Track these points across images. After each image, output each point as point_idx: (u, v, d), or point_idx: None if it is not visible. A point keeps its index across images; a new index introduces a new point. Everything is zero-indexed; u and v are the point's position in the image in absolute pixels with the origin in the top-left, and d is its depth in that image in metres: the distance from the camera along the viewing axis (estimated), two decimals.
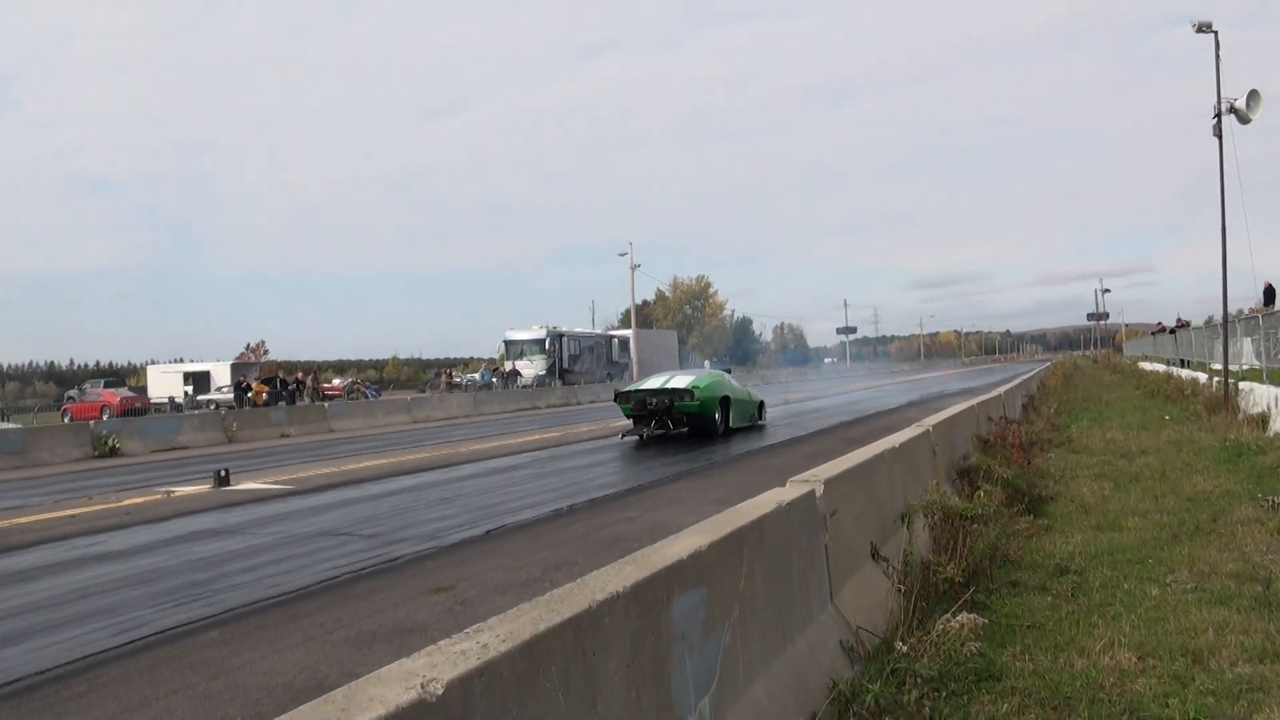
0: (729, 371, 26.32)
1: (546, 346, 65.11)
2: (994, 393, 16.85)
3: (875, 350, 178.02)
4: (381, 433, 30.20)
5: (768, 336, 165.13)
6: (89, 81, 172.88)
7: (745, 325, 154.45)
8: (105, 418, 44.33)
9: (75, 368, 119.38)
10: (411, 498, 13.37)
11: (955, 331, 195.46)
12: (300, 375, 45.78)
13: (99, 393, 51.52)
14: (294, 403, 38.82)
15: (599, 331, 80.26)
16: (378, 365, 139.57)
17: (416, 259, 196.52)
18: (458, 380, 61.93)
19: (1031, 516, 9.56)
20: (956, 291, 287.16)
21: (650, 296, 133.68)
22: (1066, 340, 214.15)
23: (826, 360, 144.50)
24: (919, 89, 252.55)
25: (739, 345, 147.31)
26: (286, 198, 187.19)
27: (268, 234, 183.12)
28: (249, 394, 40.21)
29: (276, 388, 41.31)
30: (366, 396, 50.44)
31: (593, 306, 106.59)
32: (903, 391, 44.54)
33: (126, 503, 14.30)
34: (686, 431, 21.58)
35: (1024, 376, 30.58)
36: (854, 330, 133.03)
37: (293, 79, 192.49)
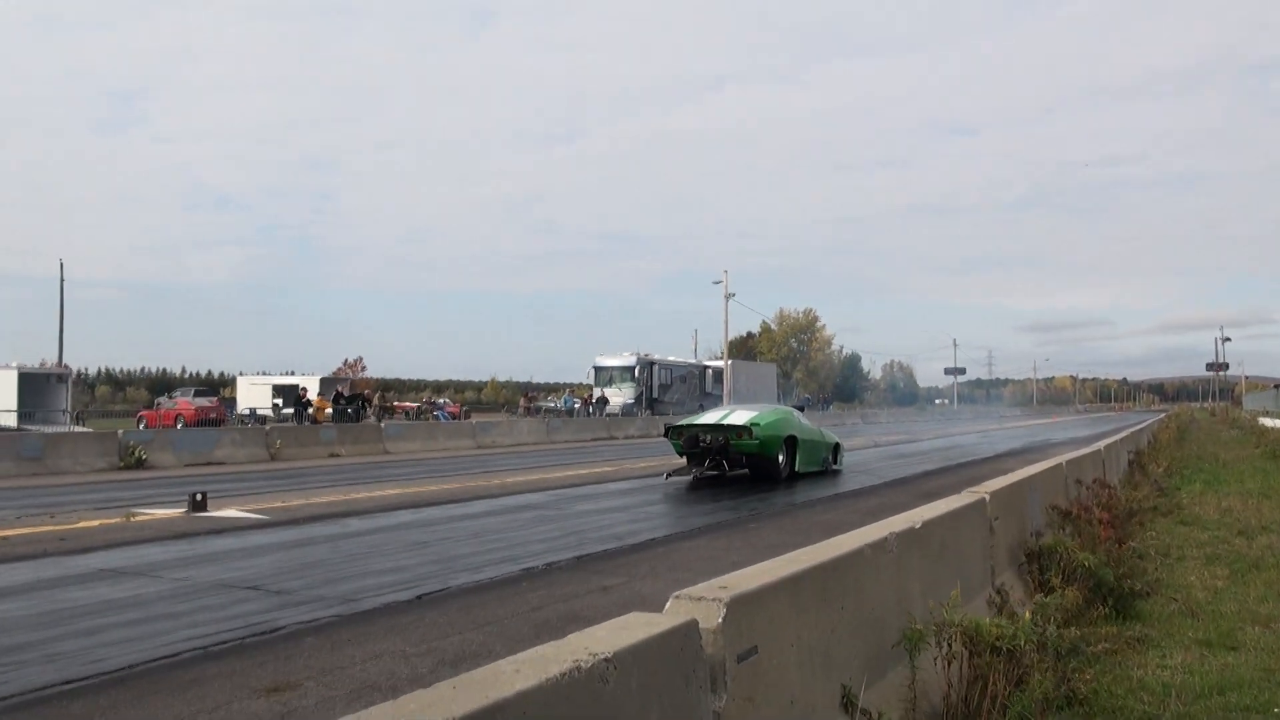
0: (801, 409, 24.02)
1: (636, 374, 63.10)
2: (1091, 448, 14.22)
3: (989, 393, 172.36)
4: (436, 457, 28.51)
5: (876, 374, 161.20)
6: (216, 98, 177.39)
7: (853, 361, 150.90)
8: (179, 426, 43.73)
9: (185, 375, 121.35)
10: (382, 539, 11.43)
11: (1071, 377, 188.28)
12: (366, 392, 44.54)
13: (175, 401, 51.09)
14: (357, 420, 37.46)
15: (692, 361, 77.91)
16: (477, 387, 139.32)
17: (530, 282, 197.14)
18: (542, 405, 60.47)
19: (1119, 621, 7.16)
20: (1073, 336, 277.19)
21: (756, 329, 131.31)
22: (1184, 391, 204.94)
23: (938, 401, 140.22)
24: (1041, 125, 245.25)
25: (846, 382, 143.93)
26: (405, 217, 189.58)
27: (386, 252, 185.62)
28: (309, 409, 39.00)
29: (341, 404, 40.06)
30: (437, 418, 49.12)
31: (695, 335, 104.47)
32: (1006, 438, 41.43)
33: (80, 525, 12.66)
34: (747, 474, 19.34)
35: (1133, 429, 27.54)
36: (963, 371, 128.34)
37: (416, 100, 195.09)
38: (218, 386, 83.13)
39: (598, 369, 64.23)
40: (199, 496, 14.11)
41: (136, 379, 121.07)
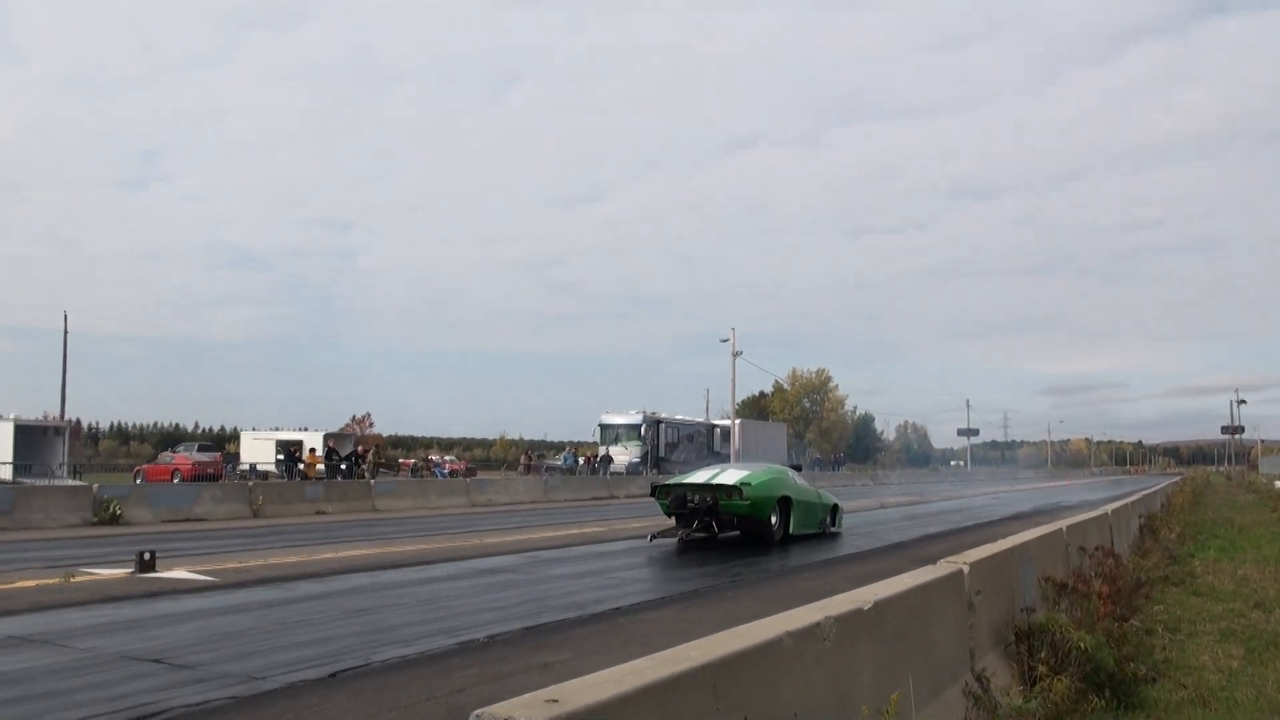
0: (799, 469, 23.10)
1: (643, 433, 62.19)
2: (1096, 511, 13.24)
3: (1004, 455, 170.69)
4: (426, 515, 27.63)
5: (890, 435, 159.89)
6: (241, 158, 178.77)
7: (866, 422, 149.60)
8: (176, 481, 42.96)
9: (198, 430, 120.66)
10: (323, 606, 10.57)
11: (1086, 439, 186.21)
12: (360, 449, 43.69)
13: (173, 456, 50.38)
14: (350, 477, 36.56)
15: (700, 420, 76.89)
16: (486, 445, 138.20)
17: (548, 343, 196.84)
18: (547, 463, 59.52)
19: (1120, 712, 6.26)
20: (1089, 399, 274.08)
21: (769, 389, 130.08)
22: (1200, 454, 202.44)
23: (953, 463, 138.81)
24: (1061, 190, 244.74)
25: (859, 442, 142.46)
26: (427, 278, 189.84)
27: (406, 311, 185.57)
28: (300, 465, 38.13)
29: (335, 460, 39.20)
30: (435, 475, 48.20)
31: (707, 395, 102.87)
32: (1017, 501, 40.29)
33: (16, 585, 11.86)
34: (738, 536, 18.42)
35: (1145, 492, 26.49)
36: (976, 432, 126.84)
37: (440, 162, 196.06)
38: (223, 442, 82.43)
39: (604, 426, 63.27)
40: (147, 556, 13.30)
41: (148, 433, 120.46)
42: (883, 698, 3.98)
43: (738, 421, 73.27)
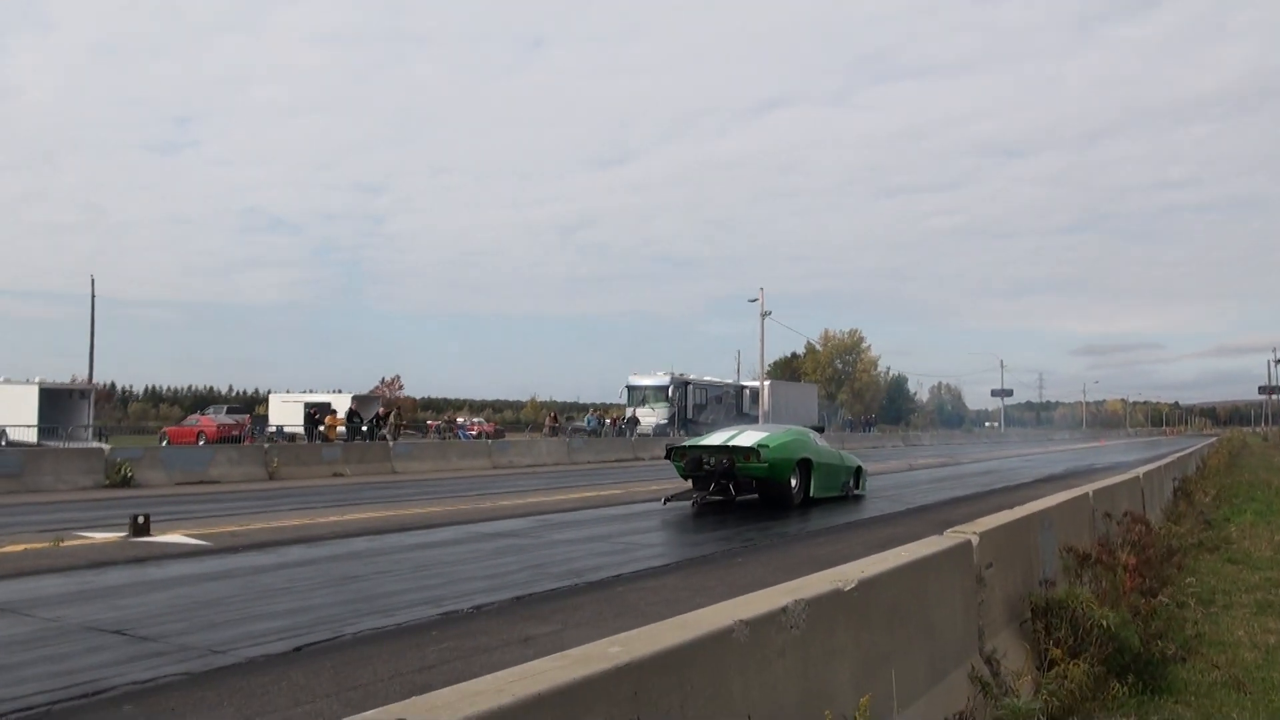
0: (821, 430, 22.51)
1: (670, 394, 61.63)
2: (1127, 474, 12.59)
3: (1039, 416, 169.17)
4: (445, 477, 27.27)
5: (924, 396, 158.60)
6: (271, 123, 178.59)
7: (900, 383, 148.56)
8: (201, 443, 42.89)
9: (232, 393, 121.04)
10: (311, 572, 10.16)
11: (1122, 400, 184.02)
12: (381, 410, 43.40)
13: (199, 418, 50.40)
14: (371, 439, 36.28)
15: (729, 381, 76.27)
16: (516, 407, 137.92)
17: (579, 305, 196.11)
18: (574, 425, 59.19)
19: (1145, 695, 5.71)
20: (1124, 359, 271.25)
21: (801, 350, 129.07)
22: (1237, 415, 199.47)
23: (987, 424, 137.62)
24: (1094, 148, 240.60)
25: (892, 403, 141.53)
26: (456, 240, 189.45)
27: (436, 274, 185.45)
28: (320, 427, 37.87)
29: (356, 421, 38.93)
30: (459, 437, 47.97)
31: (738, 356, 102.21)
32: (1049, 462, 39.50)
33: (6, 550, 11.50)
34: (756, 499, 17.91)
35: (1180, 454, 25.73)
36: (1010, 393, 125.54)
37: (467, 125, 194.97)
38: (253, 404, 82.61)
39: (631, 388, 62.78)
40: (140, 519, 12.94)
41: (182, 396, 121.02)
42: (859, 697, 3.44)
43: (767, 383, 72.76)
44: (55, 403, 45.85)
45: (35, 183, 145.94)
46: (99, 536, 12.78)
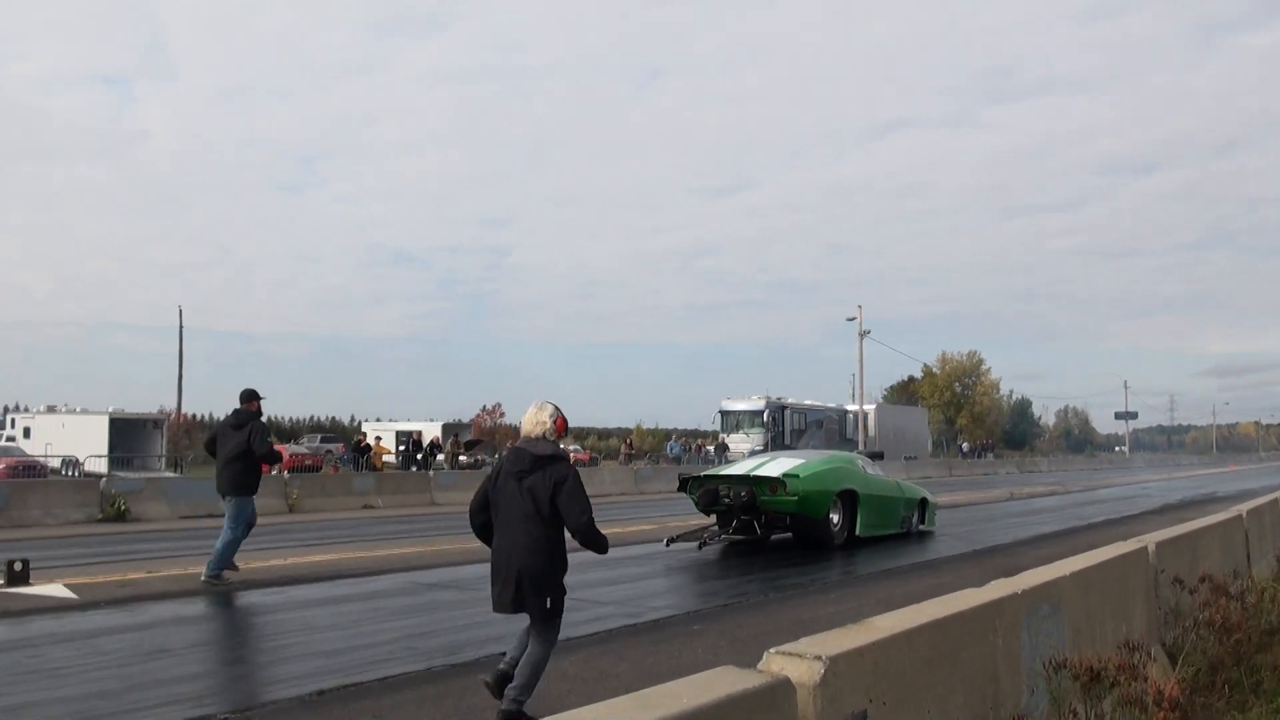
0: (880, 457, 19.71)
1: (765, 419, 58.63)
2: (1220, 516, 9.43)
3: (1170, 440, 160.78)
4: None
5: (1049, 420, 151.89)
6: (394, 160, 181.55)
7: (1023, 407, 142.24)
8: (274, 473, 41.66)
9: (354, 423, 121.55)
10: (140, 639, 8.04)
11: (1255, 423, 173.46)
12: (436, 438, 41.48)
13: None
14: (425, 469, 34.34)
15: (831, 405, 72.78)
16: (622, 435, 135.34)
17: (697, 333, 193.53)
18: (667, 452, 56.74)
19: None
20: (1258, 380, 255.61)
21: (919, 374, 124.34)
22: None
23: (1117, 449, 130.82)
24: (1222, 161, 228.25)
25: (1016, 428, 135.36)
26: (577, 270, 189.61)
27: (557, 305, 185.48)
28: (366, 455, 36.08)
29: (407, 450, 37.07)
30: None
31: (853, 381, 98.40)
32: (1165, 491, 35.66)
33: None
34: (792, 538, 15.28)
35: None
36: (1134, 415, 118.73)
37: (587, 157, 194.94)
38: (350, 434, 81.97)
39: (724, 413, 59.87)
40: (18, 566, 10.94)
41: (301, 427, 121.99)
42: None
43: (871, 406, 69.21)
44: (127, 433, 45.24)
45: (164, 223, 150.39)
46: None
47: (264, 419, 12.10)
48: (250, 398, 11.68)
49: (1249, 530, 9.48)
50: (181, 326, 58.14)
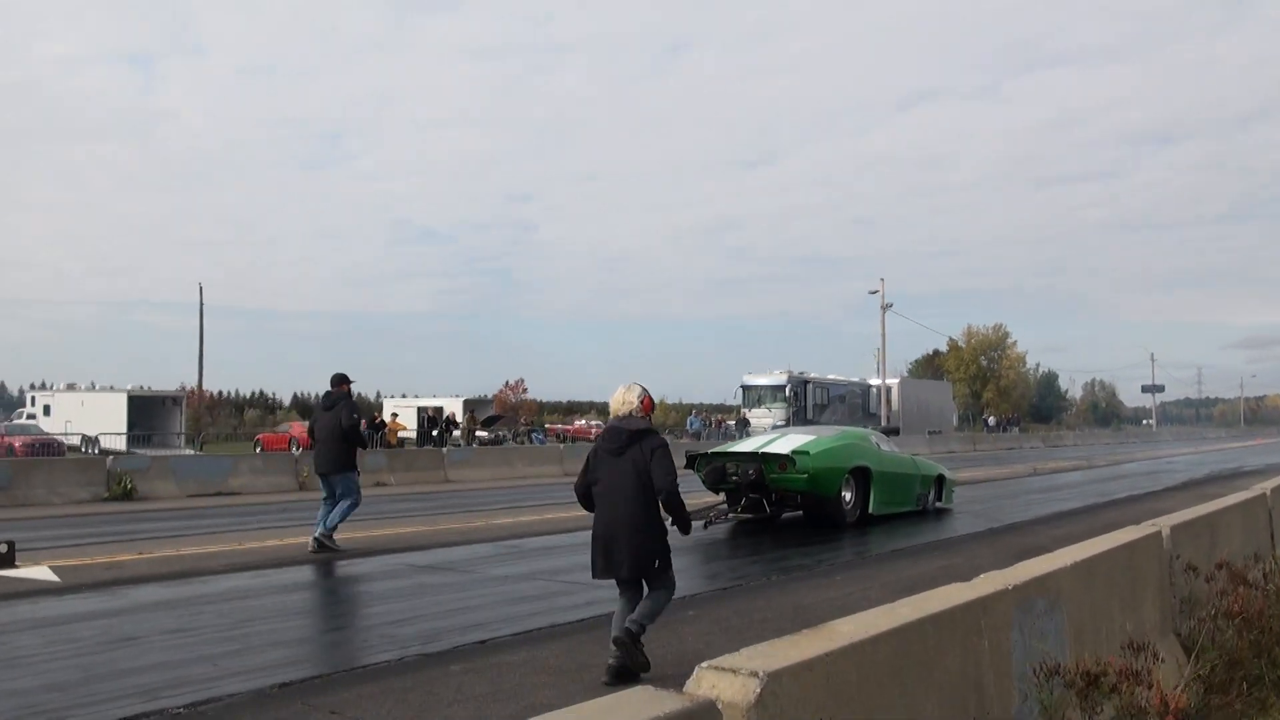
0: (895, 433, 19.26)
1: (787, 394, 58.00)
2: (1241, 495, 8.90)
3: (1198, 413, 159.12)
4: (501, 487, 24.85)
5: (1076, 393, 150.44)
6: (418, 137, 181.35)
7: (1049, 380, 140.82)
8: (294, 450, 41.54)
9: (376, 399, 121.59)
10: (110, 626, 7.73)
11: None
12: (451, 414, 41.14)
13: (289, 425, 49.29)
14: (441, 445, 34.06)
15: (855, 380, 72.05)
16: None
17: (723, 306, 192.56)
18: (687, 428, 56.38)
19: None
20: None
21: (943, 347, 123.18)
22: None
23: (1144, 422, 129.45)
24: (1250, 131, 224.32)
25: (1043, 401, 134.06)
26: (602, 245, 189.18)
27: (582, 280, 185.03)
28: (380, 432, 35.83)
29: (424, 426, 36.82)
30: (533, 441, 45.69)
31: (877, 355, 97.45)
32: (1192, 465, 35.02)
33: None
34: (802, 516, 14.90)
35: None
36: (1161, 389, 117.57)
37: (613, 132, 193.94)
38: (372, 409, 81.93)
39: (746, 388, 59.25)
40: (2, 548, 10.69)
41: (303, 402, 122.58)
42: None
43: (894, 380, 68.57)
44: (146, 410, 45.25)
45: (189, 201, 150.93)
46: None
47: (354, 397, 13.00)
48: (341, 381, 12.41)
49: (1273, 509, 9.02)
50: (202, 303, 58.08)
